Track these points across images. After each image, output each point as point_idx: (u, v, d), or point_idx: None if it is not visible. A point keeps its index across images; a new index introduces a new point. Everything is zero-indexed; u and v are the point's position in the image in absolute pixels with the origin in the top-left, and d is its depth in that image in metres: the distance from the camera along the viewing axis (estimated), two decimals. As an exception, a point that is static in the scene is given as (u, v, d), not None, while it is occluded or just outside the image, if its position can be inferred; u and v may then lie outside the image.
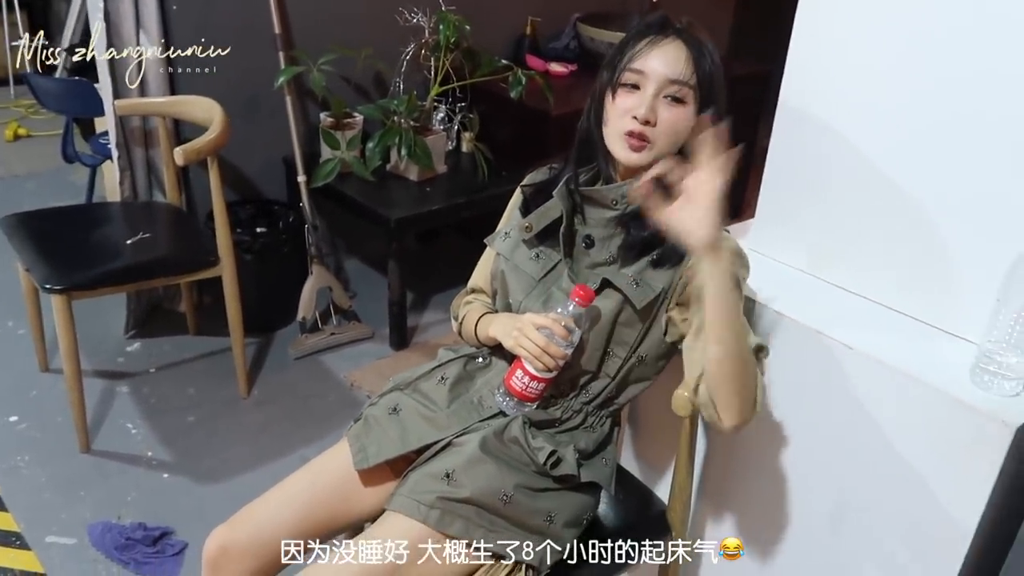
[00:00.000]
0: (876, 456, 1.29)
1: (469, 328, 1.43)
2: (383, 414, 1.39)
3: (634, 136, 1.24)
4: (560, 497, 1.32)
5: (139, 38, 2.41)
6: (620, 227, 1.31)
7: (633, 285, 1.28)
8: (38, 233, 2.19)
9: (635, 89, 1.25)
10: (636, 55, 1.25)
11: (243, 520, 1.33)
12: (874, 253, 1.38)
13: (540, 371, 1.26)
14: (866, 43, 1.32)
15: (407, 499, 1.27)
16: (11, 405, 2.34)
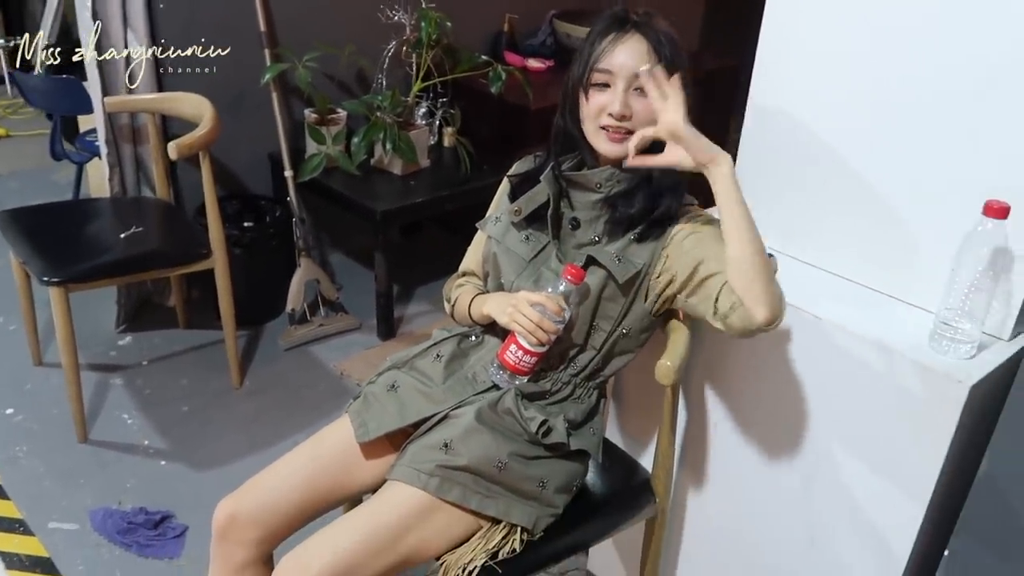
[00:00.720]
0: (846, 419, 1.39)
1: (463, 308, 1.51)
2: (382, 391, 1.47)
3: (611, 131, 1.33)
4: (551, 464, 1.40)
5: (127, 37, 2.46)
6: (605, 208, 1.39)
7: (616, 261, 1.36)
8: (33, 228, 2.24)
9: (605, 87, 1.32)
10: (601, 54, 1.31)
11: (249, 490, 1.40)
12: (839, 231, 1.48)
13: (533, 345, 1.34)
14: (829, 36, 1.41)
15: (407, 468, 1.34)
16: (7, 398, 2.39)
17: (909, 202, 1.37)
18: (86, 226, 2.34)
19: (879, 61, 1.36)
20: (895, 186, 1.38)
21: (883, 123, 1.37)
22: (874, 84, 1.37)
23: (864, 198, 1.42)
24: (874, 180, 1.41)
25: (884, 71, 1.35)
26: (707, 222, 1.35)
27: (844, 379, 1.37)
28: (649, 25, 1.32)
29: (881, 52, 1.35)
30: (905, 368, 1.29)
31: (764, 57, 1.51)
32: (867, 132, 1.40)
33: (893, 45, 1.33)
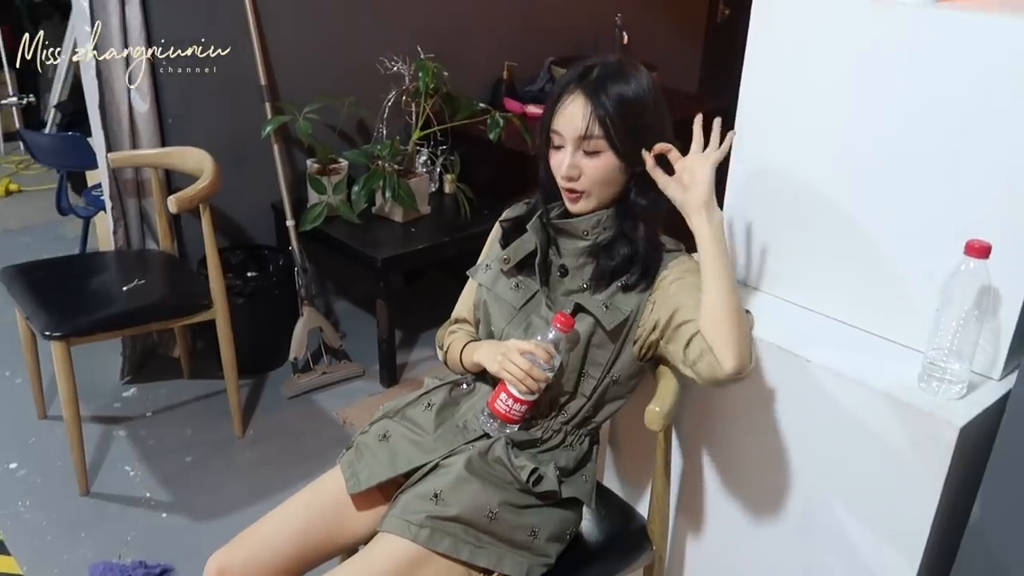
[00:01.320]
0: (838, 462, 1.38)
1: (455, 356, 1.51)
2: (373, 441, 1.47)
3: (567, 191, 1.37)
4: (543, 513, 1.39)
5: (131, 94, 2.51)
6: (591, 257, 1.40)
7: (603, 309, 1.37)
8: (36, 283, 2.27)
9: (559, 148, 1.35)
10: (552, 115, 1.35)
11: (241, 543, 1.40)
12: (826, 272, 1.48)
13: (523, 394, 1.34)
14: (810, 82, 1.43)
15: (398, 520, 1.34)
16: (11, 452, 2.40)
17: (894, 242, 1.38)
18: (89, 280, 2.37)
19: (860, 105, 1.37)
20: (880, 227, 1.39)
21: (866, 165, 1.38)
22: (856, 127, 1.38)
23: (850, 239, 1.43)
24: (859, 221, 1.41)
25: (865, 115, 1.37)
26: (693, 271, 1.36)
27: (834, 422, 1.36)
28: (598, 84, 1.31)
29: (862, 96, 1.37)
30: (894, 410, 1.28)
31: (747, 101, 1.52)
32: (851, 174, 1.41)
33: (873, 90, 1.35)
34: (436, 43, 2.97)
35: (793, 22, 1.42)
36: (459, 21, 3.21)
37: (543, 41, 3.49)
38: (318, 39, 2.85)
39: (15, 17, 4.53)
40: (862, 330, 1.45)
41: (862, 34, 1.34)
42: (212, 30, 2.59)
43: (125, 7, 2.43)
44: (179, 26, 2.54)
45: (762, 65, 1.48)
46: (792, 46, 1.43)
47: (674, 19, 3.91)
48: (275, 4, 2.69)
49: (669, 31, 3.93)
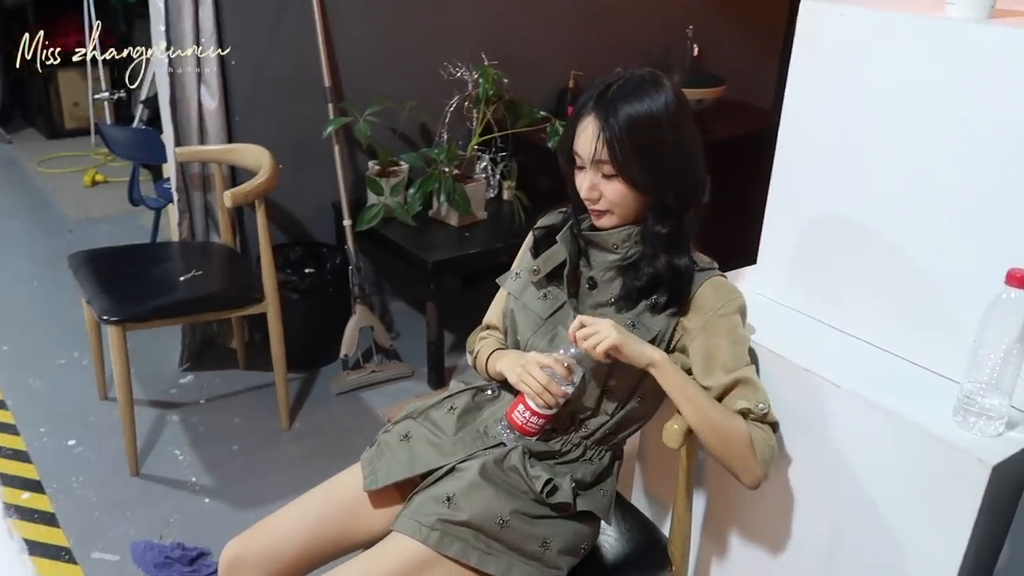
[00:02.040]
0: (866, 493, 1.32)
1: (481, 362, 1.52)
2: (395, 440, 1.48)
3: (591, 209, 1.36)
4: (556, 525, 1.37)
5: (200, 91, 2.59)
6: (620, 272, 1.38)
7: (631, 328, 1.34)
8: (101, 269, 2.37)
9: (581, 168, 1.35)
10: (573, 136, 1.33)
11: (257, 533, 1.43)
12: (864, 295, 1.42)
13: (541, 407, 1.32)
14: (856, 95, 1.38)
15: (410, 520, 1.34)
16: (70, 430, 2.50)
17: (936, 268, 1.32)
18: (150, 269, 2.45)
19: (904, 125, 1.32)
20: (922, 251, 1.33)
21: (909, 187, 1.33)
22: (900, 147, 1.33)
23: (890, 263, 1.38)
24: (900, 244, 1.36)
25: (909, 135, 1.32)
26: (724, 313, 1.33)
27: (863, 451, 1.31)
28: (610, 105, 1.27)
29: (905, 116, 1.31)
30: (925, 443, 1.22)
31: (789, 121, 1.48)
32: (893, 195, 1.35)
33: (918, 109, 1.30)
34: (502, 50, 2.98)
35: (836, 40, 1.38)
36: (526, 29, 3.22)
37: (612, 51, 3.47)
38: (383, 43, 2.89)
39: (111, 16, 4.74)
40: (899, 357, 1.39)
41: (907, 52, 1.29)
42: (281, 31, 2.66)
43: (198, 8, 2.51)
44: (249, 28, 2.61)
45: (805, 84, 1.44)
46: (835, 64, 1.39)
47: (750, 32, 3.84)
48: (343, 8, 2.75)
49: (744, 44, 3.85)
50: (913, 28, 1.28)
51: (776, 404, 1.41)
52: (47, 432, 2.49)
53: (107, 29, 4.75)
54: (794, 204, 1.51)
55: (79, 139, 4.94)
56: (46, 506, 2.21)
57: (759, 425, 1.29)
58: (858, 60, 1.36)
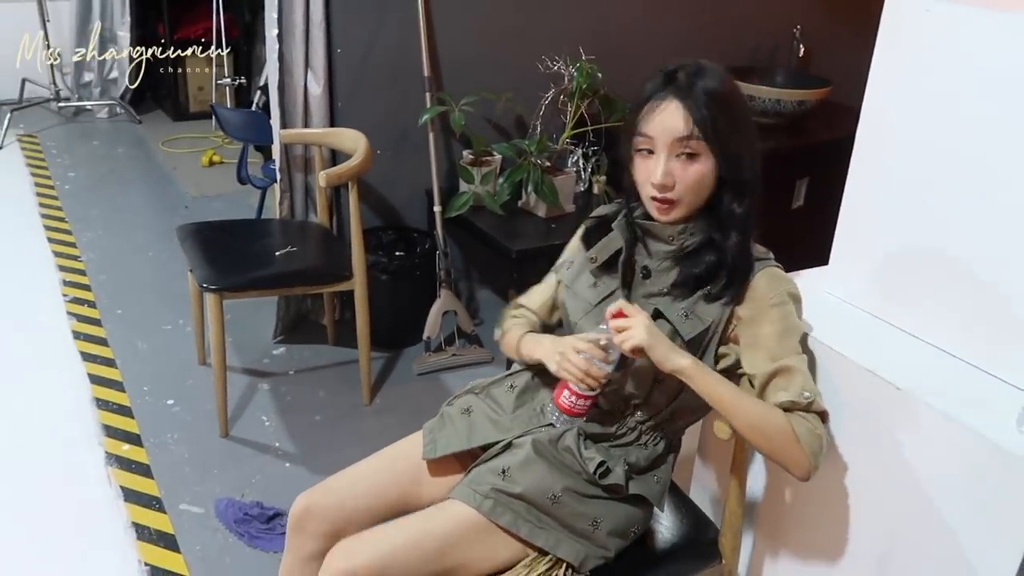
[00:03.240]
0: (923, 499, 1.29)
1: (512, 341, 1.53)
2: (457, 413, 1.53)
3: (658, 200, 1.32)
4: (607, 506, 1.40)
5: (307, 77, 2.72)
6: (675, 261, 1.38)
7: (683, 318, 1.35)
8: (205, 241, 2.51)
9: (650, 154, 1.31)
10: (641, 121, 1.30)
11: (326, 488, 1.50)
12: (936, 299, 1.39)
13: (585, 390, 1.33)
14: (940, 93, 1.34)
15: (466, 488, 1.39)
16: (170, 391, 2.67)
17: (1010, 275, 1.27)
18: (250, 243, 2.59)
19: (985, 125, 1.28)
20: (997, 257, 1.29)
21: (990, 192, 1.28)
22: (980, 147, 1.29)
23: (963, 267, 1.33)
24: (975, 249, 1.32)
25: (990, 135, 1.27)
26: (776, 302, 1.32)
27: (924, 455, 1.28)
28: (690, 86, 1.28)
29: (987, 115, 1.27)
30: (986, 451, 1.18)
31: (869, 119, 1.45)
32: (972, 200, 1.31)
33: (1000, 107, 1.25)
34: (601, 46, 2.99)
35: (921, 36, 1.34)
36: (627, 25, 3.22)
37: (714, 50, 3.42)
38: (484, 35, 2.95)
39: (237, 6, 4.99)
40: (966, 362, 1.34)
41: (995, 49, 1.25)
42: (385, 22, 2.76)
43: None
44: (355, 17, 2.72)
45: (887, 82, 1.41)
46: (919, 61, 1.36)
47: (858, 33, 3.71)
48: (446, 1, 2.82)
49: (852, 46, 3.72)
50: (1002, 23, 1.24)
51: (837, 404, 1.39)
52: (149, 391, 2.67)
53: (231, 19, 5.00)
54: (869, 204, 1.48)
55: (201, 122, 5.22)
56: (143, 458, 2.37)
57: (804, 416, 1.26)
58: (943, 56, 1.33)
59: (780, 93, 3.14)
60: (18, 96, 5.21)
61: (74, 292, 3.24)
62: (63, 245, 3.63)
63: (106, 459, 2.36)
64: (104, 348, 2.89)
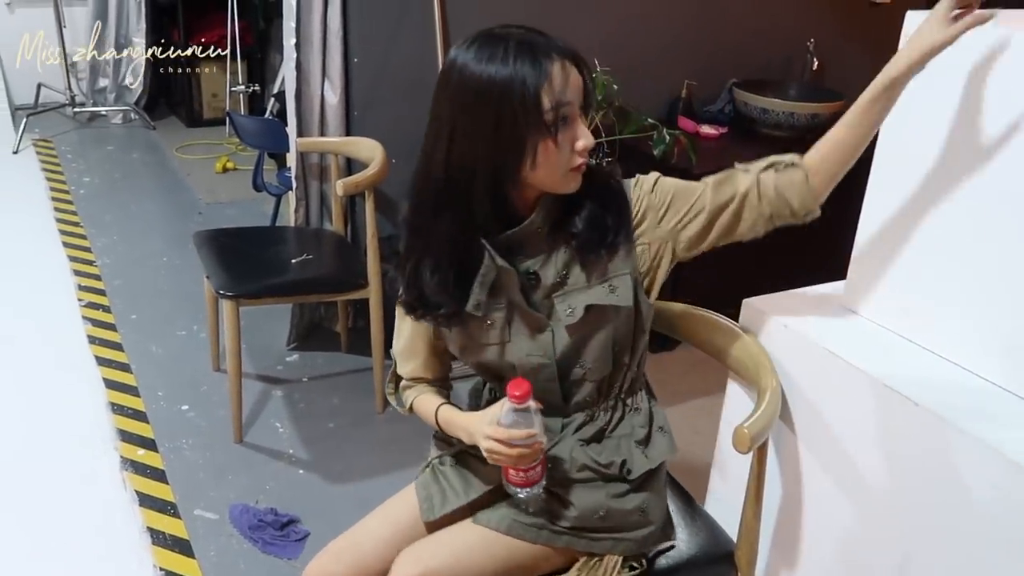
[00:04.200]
0: (940, 516, 1.29)
1: (427, 416, 1.44)
2: (449, 467, 1.47)
3: (578, 169, 1.22)
4: (643, 494, 1.41)
5: (324, 86, 2.74)
6: (554, 243, 1.28)
7: (609, 291, 1.28)
8: (221, 248, 2.53)
9: (567, 120, 1.19)
10: (558, 89, 1.16)
11: (345, 551, 1.41)
12: (955, 315, 1.39)
13: (530, 464, 1.26)
14: (958, 109, 1.35)
15: (515, 523, 1.37)
16: (185, 396, 2.69)
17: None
18: (266, 250, 2.61)
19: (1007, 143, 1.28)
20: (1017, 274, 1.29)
21: (1008, 208, 1.29)
22: (1001, 166, 1.29)
23: (983, 283, 1.34)
24: (995, 265, 1.32)
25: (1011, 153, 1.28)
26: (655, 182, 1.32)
27: (941, 472, 1.28)
28: (567, 48, 1.20)
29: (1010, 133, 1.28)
30: (1004, 469, 1.18)
31: (887, 134, 1.46)
32: (991, 216, 1.31)
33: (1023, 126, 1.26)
34: (615, 57, 3.00)
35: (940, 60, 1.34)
36: (642, 37, 3.23)
37: (727, 62, 3.45)
38: (500, 46, 2.97)
39: (252, 14, 5.03)
40: (986, 380, 1.35)
41: (1012, 66, 1.25)
42: (402, 32, 2.77)
43: (327, 7, 2.65)
44: (373, 27, 2.74)
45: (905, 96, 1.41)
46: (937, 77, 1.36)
47: (872, 47, 3.72)
48: (463, 12, 2.84)
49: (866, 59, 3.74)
50: (1020, 41, 1.25)
51: (853, 419, 1.40)
52: (164, 396, 2.68)
53: (247, 26, 5.04)
54: (887, 220, 1.48)
55: (215, 128, 5.26)
56: (157, 463, 2.38)
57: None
58: (960, 72, 1.33)
59: (793, 106, 3.14)
60: (34, 101, 5.26)
61: (89, 297, 3.26)
62: (78, 250, 3.65)
63: (121, 464, 2.37)
64: (119, 353, 2.91)
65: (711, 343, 1.58)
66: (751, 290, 1.65)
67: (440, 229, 1.24)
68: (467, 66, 1.17)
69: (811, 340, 1.46)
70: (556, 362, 1.33)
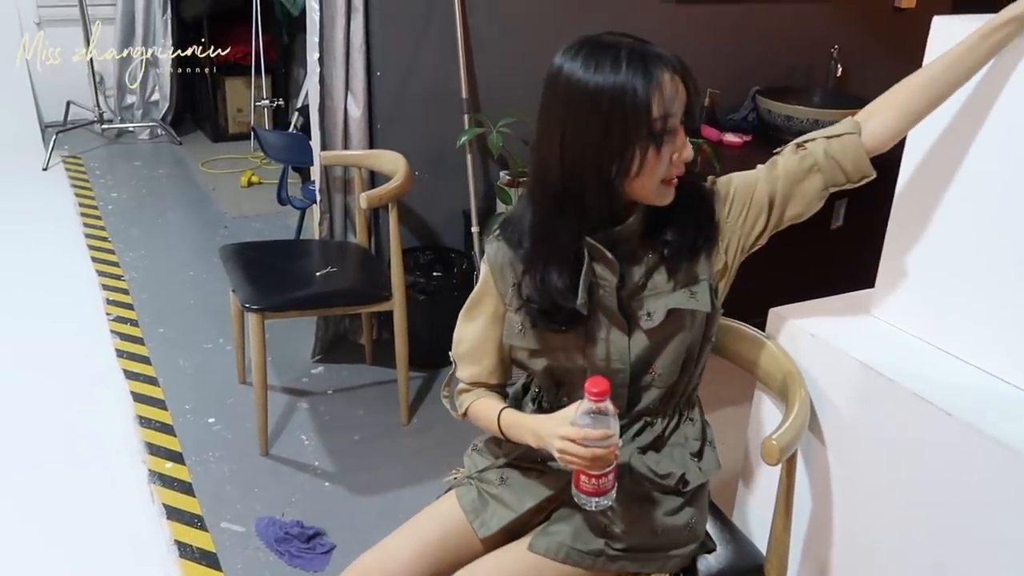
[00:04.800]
0: (973, 527, 1.27)
1: (485, 420, 1.42)
2: (494, 484, 1.45)
3: (671, 182, 1.23)
4: (692, 508, 1.41)
5: (347, 100, 2.76)
6: (645, 246, 1.29)
7: (690, 297, 1.29)
8: (247, 262, 2.55)
9: (670, 136, 1.20)
10: (666, 101, 1.18)
11: (372, 569, 1.39)
12: (985, 323, 1.37)
13: (601, 470, 1.22)
14: (987, 115, 1.33)
15: (571, 550, 1.36)
16: (211, 409, 2.70)
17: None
18: (291, 263, 2.62)
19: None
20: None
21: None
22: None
23: (1014, 291, 1.31)
24: None
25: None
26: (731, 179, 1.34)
27: (974, 482, 1.25)
28: (664, 55, 1.22)
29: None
30: (1040, 479, 1.16)
31: (915, 141, 1.44)
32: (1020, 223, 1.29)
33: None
34: (636, 66, 3.00)
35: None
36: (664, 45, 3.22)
37: (751, 69, 3.43)
38: (522, 58, 2.96)
39: (276, 29, 5.08)
40: (1019, 388, 1.32)
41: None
42: (424, 45, 2.79)
43: (350, 21, 2.67)
44: (395, 41, 2.75)
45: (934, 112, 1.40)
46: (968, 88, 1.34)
47: (897, 53, 3.70)
48: (484, 24, 2.85)
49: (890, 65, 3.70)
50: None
51: (884, 429, 1.38)
52: (191, 409, 2.70)
53: (271, 40, 5.09)
54: (916, 227, 1.46)
55: (240, 143, 5.31)
56: (185, 476, 2.40)
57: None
58: (992, 79, 1.32)
59: (818, 113, 3.12)
60: (63, 118, 5.34)
61: (117, 311, 3.30)
62: (106, 264, 3.70)
63: (149, 476, 2.39)
64: (147, 366, 2.93)
65: (738, 353, 1.57)
66: (778, 299, 1.63)
67: (563, 235, 1.26)
68: (575, 73, 1.20)
69: (839, 349, 1.45)
70: (630, 366, 1.33)
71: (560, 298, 1.27)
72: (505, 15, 2.89)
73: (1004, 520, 1.22)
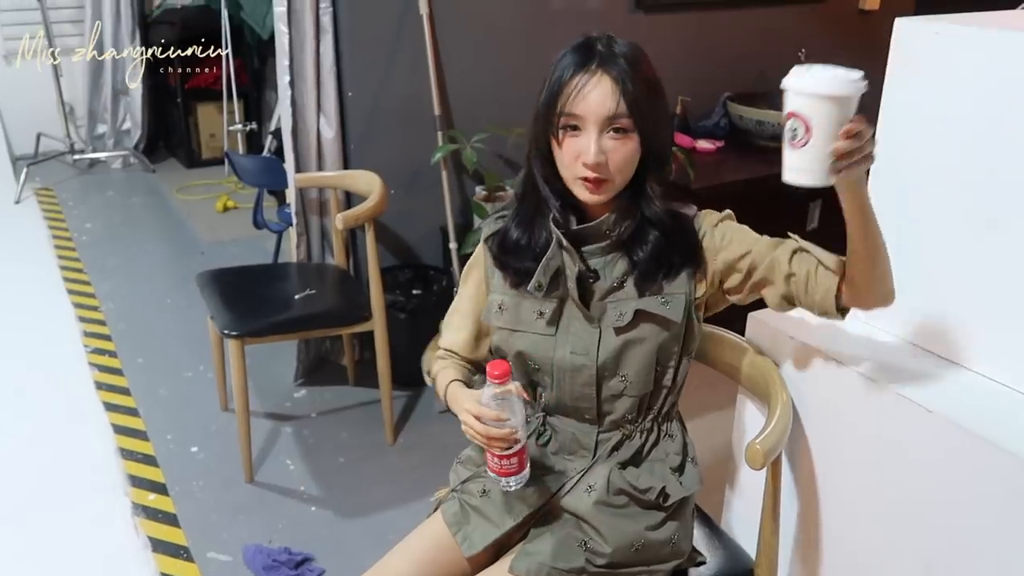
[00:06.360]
0: (960, 525, 1.27)
1: (440, 391, 1.44)
2: (476, 498, 1.44)
3: (589, 181, 1.25)
4: (674, 518, 1.40)
5: (320, 121, 2.75)
6: (617, 250, 1.33)
7: (663, 304, 1.32)
8: (224, 287, 2.53)
9: (577, 131, 1.24)
10: (568, 100, 1.22)
11: None
12: (966, 321, 1.38)
13: (502, 451, 1.24)
14: (955, 117, 1.35)
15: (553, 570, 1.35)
16: (194, 437, 2.67)
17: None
18: (269, 287, 2.61)
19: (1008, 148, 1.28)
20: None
21: (1011, 212, 1.28)
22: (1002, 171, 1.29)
23: (992, 289, 1.33)
24: (1002, 270, 1.31)
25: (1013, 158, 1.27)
26: (721, 218, 1.35)
27: (959, 480, 1.26)
28: (620, 63, 1.23)
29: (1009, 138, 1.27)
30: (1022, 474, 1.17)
31: (885, 143, 1.45)
32: (994, 221, 1.31)
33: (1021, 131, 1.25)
34: (607, 77, 3.02)
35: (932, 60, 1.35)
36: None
37: (720, 75, 3.47)
38: (492, 73, 2.98)
39: (247, 53, 5.06)
40: (1001, 384, 1.33)
41: (1010, 71, 1.25)
42: (395, 64, 2.79)
43: (320, 43, 2.67)
44: (366, 61, 2.75)
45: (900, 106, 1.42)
46: (931, 85, 1.37)
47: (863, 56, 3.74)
48: (454, 41, 2.86)
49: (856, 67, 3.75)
50: (1015, 44, 1.25)
51: (867, 429, 1.39)
52: (173, 439, 2.67)
53: (242, 65, 5.07)
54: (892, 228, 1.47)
55: (214, 168, 5.29)
56: (169, 507, 2.37)
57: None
58: (956, 80, 1.33)
59: (789, 117, 3.14)
60: (34, 151, 5.29)
61: (95, 343, 3.26)
62: (82, 296, 3.66)
63: (133, 509, 2.36)
64: (127, 398, 2.90)
65: (719, 358, 1.57)
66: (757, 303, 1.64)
67: (530, 204, 1.37)
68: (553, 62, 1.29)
69: (819, 351, 1.45)
70: (597, 366, 1.33)
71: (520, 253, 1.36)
72: (474, 31, 2.90)
73: (989, 516, 1.22)
